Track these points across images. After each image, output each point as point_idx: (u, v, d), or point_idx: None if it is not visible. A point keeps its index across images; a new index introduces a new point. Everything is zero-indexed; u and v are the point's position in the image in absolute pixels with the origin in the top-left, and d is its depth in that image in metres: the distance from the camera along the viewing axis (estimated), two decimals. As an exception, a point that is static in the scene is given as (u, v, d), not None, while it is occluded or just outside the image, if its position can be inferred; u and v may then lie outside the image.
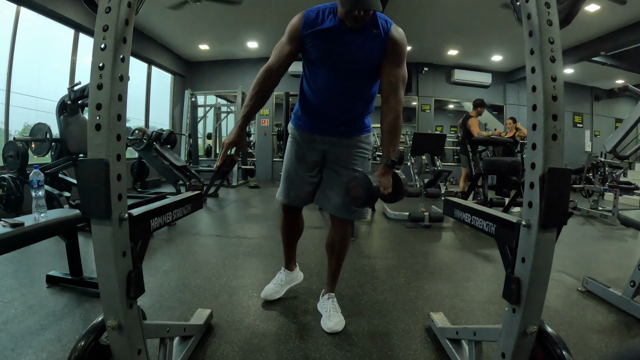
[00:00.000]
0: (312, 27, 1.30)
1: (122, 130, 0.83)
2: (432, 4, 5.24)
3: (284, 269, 1.82)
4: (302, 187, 1.54)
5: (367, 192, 1.21)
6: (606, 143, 2.45)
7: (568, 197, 0.87)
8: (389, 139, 1.33)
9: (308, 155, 1.51)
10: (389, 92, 1.32)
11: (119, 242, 0.83)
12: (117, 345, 0.87)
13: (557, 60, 0.84)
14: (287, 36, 1.35)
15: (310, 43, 1.32)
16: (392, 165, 1.32)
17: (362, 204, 1.28)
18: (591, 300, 1.85)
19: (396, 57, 1.31)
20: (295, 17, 1.34)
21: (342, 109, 1.42)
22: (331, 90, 1.38)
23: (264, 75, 1.36)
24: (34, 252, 2.38)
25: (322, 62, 1.34)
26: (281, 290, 1.77)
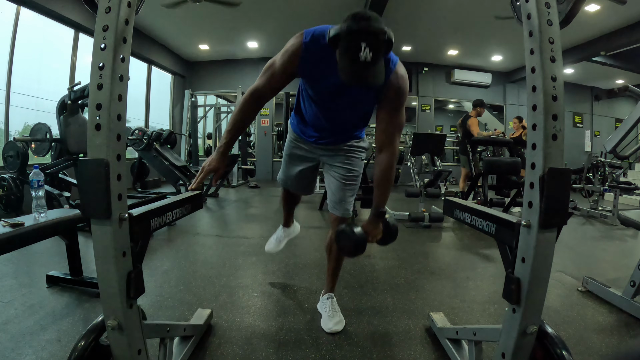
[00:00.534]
0: (308, 63, 1.20)
1: (122, 130, 0.83)
2: (432, 4, 5.24)
3: (282, 226, 1.99)
4: (296, 181, 1.65)
5: (353, 243, 1.25)
6: (606, 143, 2.46)
7: (568, 197, 0.87)
8: (381, 190, 1.31)
9: (302, 157, 1.58)
10: (384, 141, 1.28)
11: (119, 242, 0.83)
12: (117, 345, 0.87)
13: (557, 60, 0.84)
14: (281, 65, 1.22)
15: (305, 78, 1.29)
16: (382, 215, 1.32)
17: (349, 254, 1.33)
18: (591, 300, 1.85)
19: (395, 104, 1.25)
20: (293, 44, 1.20)
21: (334, 132, 1.45)
22: (323, 119, 1.40)
23: (250, 99, 1.27)
24: (34, 252, 2.38)
25: (316, 101, 1.34)
26: (281, 244, 1.99)
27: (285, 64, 1.21)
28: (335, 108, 1.34)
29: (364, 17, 1.01)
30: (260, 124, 8.28)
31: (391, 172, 1.30)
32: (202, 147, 9.47)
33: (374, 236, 1.31)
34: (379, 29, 1.00)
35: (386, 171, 1.29)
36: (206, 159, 1.27)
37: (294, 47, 1.19)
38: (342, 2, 5.22)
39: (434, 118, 8.78)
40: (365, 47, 0.98)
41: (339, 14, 6.01)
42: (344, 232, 1.26)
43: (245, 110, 1.27)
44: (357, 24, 1.00)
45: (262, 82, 1.26)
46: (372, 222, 1.31)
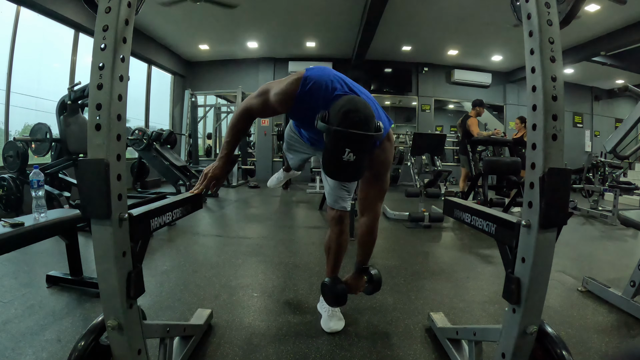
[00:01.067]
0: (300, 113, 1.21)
1: (122, 130, 0.83)
2: (432, 4, 5.24)
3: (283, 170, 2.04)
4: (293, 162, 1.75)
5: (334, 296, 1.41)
6: (606, 143, 2.46)
7: (568, 197, 0.87)
8: (363, 249, 1.40)
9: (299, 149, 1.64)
10: (366, 207, 1.32)
11: (119, 242, 0.83)
12: (117, 345, 0.87)
13: (557, 60, 0.84)
14: (276, 102, 1.19)
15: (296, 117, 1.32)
16: (365, 271, 1.42)
17: (330, 304, 1.47)
18: (591, 300, 1.85)
19: (378, 172, 1.26)
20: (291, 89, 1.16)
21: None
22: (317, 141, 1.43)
23: (244, 117, 1.29)
24: (34, 252, 2.38)
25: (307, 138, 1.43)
26: (282, 181, 2.04)
27: (278, 103, 1.20)
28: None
29: (353, 120, 0.97)
30: (260, 124, 8.28)
31: (373, 233, 1.37)
32: (202, 147, 9.47)
33: (356, 289, 1.42)
34: (367, 135, 0.98)
35: (368, 234, 1.36)
36: (208, 165, 1.30)
37: (289, 92, 1.16)
38: (342, 2, 5.23)
39: (434, 118, 8.77)
40: (349, 152, 0.97)
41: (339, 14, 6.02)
42: (327, 286, 1.40)
43: (240, 124, 1.31)
44: (344, 128, 0.97)
45: (256, 104, 1.26)
46: (355, 277, 1.42)
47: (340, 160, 0.98)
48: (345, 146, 0.97)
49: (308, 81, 1.14)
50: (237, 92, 7.20)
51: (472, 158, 4.62)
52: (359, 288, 1.42)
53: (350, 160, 0.98)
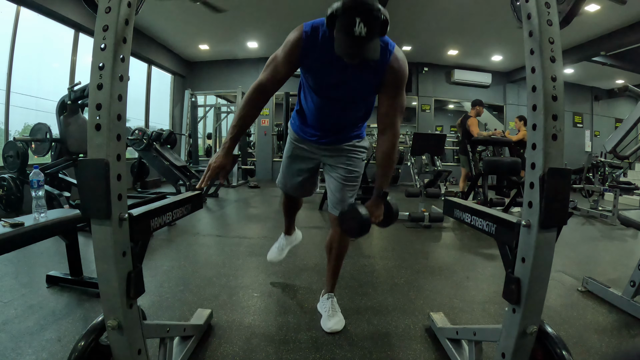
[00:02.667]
0: (310, 53, 1.22)
1: (122, 130, 0.83)
2: (432, 3, 5.24)
3: (284, 234, 2.00)
4: (296, 184, 1.65)
5: (358, 223, 1.27)
6: (606, 143, 2.46)
7: (568, 197, 0.87)
8: (383, 171, 1.34)
9: (303, 157, 1.58)
10: (386, 123, 1.30)
11: (119, 242, 0.83)
12: (117, 345, 0.87)
13: (557, 60, 0.84)
14: (284, 56, 1.24)
15: (306, 68, 1.29)
16: (384, 196, 1.35)
17: (354, 234, 1.34)
18: (591, 300, 1.85)
19: (395, 87, 1.27)
20: (294, 35, 1.23)
21: (334, 129, 1.45)
22: (324, 113, 1.40)
23: (255, 94, 1.28)
24: (34, 252, 2.38)
25: (317, 91, 1.35)
26: (283, 253, 1.98)
27: (287, 54, 1.23)
28: (337, 97, 1.34)
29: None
30: (260, 124, 8.28)
31: (394, 153, 1.32)
32: (202, 147, 9.47)
33: (376, 217, 1.33)
34: (373, 5, 1.04)
35: (389, 153, 1.31)
36: (212, 157, 1.26)
37: (295, 37, 1.22)
38: (342, 2, 5.22)
39: (434, 118, 8.77)
40: (360, 22, 1.01)
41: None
42: (350, 212, 1.28)
43: (250, 104, 1.28)
44: (351, 1, 1.04)
45: (265, 75, 1.28)
46: (374, 203, 1.34)
47: (352, 34, 1.02)
48: (355, 15, 1.02)
49: (308, 23, 1.22)
50: (237, 92, 7.20)
51: (472, 158, 4.62)
52: (378, 216, 1.35)
53: (362, 34, 1.02)
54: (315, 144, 1.51)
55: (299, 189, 1.67)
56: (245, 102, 1.28)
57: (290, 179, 1.64)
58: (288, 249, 2.02)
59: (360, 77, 1.26)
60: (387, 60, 1.22)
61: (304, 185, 1.66)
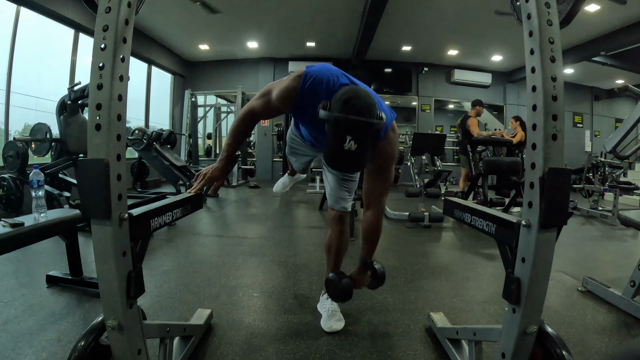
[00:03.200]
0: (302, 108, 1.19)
1: (122, 130, 0.83)
2: (432, 4, 5.24)
3: (288, 174, 2.09)
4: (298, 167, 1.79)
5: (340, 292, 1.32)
6: (606, 143, 2.46)
7: (568, 197, 0.87)
8: (368, 245, 1.35)
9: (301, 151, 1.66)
10: (371, 200, 1.30)
11: (119, 242, 0.83)
12: (117, 345, 0.87)
13: (557, 60, 0.84)
14: (277, 99, 1.20)
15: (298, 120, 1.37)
16: (369, 266, 1.36)
17: (336, 300, 1.39)
18: (591, 300, 1.85)
19: (382, 166, 1.24)
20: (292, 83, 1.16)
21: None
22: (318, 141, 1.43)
23: (247, 117, 1.29)
24: (34, 252, 2.38)
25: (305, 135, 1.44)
26: (287, 187, 2.12)
27: (281, 99, 1.19)
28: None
29: (354, 107, 0.97)
30: (260, 124, 8.27)
31: (378, 228, 1.33)
32: (202, 147, 9.47)
33: (361, 284, 1.38)
34: (368, 122, 0.96)
35: (373, 228, 1.33)
36: (207, 166, 1.29)
37: (290, 88, 1.16)
38: (343, 2, 5.22)
39: (434, 118, 8.77)
40: (350, 140, 0.96)
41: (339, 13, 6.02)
42: (332, 281, 1.35)
43: (242, 126, 1.31)
44: (345, 115, 0.96)
45: (258, 105, 1.27)
46: (359, 271, 1.38)
47: (341, 149, 0.97)
48: (346, 133, 0.96)
49: (309, 77, 1.14)
50: (237, 92, 7.20)
51: (472, 158, 4.62)
52: (363, 282, 1.38)
53: (352, 149, 0.96)
54: (311, 146, 1.55)
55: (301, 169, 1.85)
56: (237, 124, 1.31)
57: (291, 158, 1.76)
58: (292, 184, 2.14)
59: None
60: (378, 140, 1.18)
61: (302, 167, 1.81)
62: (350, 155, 0.98)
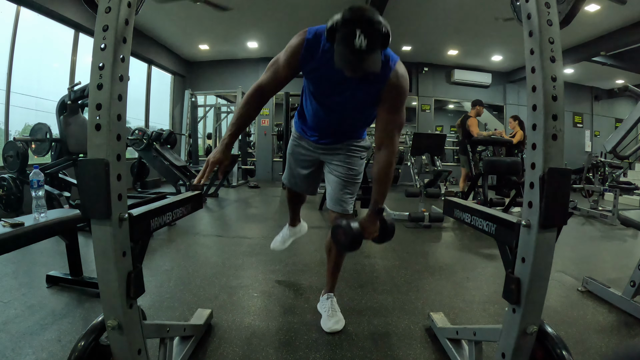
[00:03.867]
0: (310, 60, 1.22)
1: (122, 130, 0.83)
2: (433, 3, 5.24)
3: (288, 225, 1.99)
4: (300, 180, 1.65)
5: (350, 238, 1.25)
6: (606, 143, 2.46)
7: (568, 197, 0.87)
8: (379, 187, 1.31)
9: (304, 155, 1.59)
10: (383, 139, 1.28)
11: (119, 242, 0.83)
12: (117, 345, 0.87)
13: (557, 60, 0.84)
14: (285, 59, 1.25)
15: (307, 75, 1.30)
16: (379, 212, 1.32)
17: (345, 249, 1.34)
18: (591, 300, 1.85)
19: (394, 103, 1.25)
20: (296, 40, 1.23)
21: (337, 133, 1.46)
22: (325, 121, 1.41)
23: (255, 94, 1.29)
24: (34, 252, 2.38)
25: (317, 98, 1.35)
26: (287, 243, 1.99)
27: (288, 59, 1.24)
28: (336, 106, 1.34)
29: (359, 8, 1.05)
30: (260, 124, 8.28)
31: (390, 169, 1.30)
32: (202, 147, 9.46)
33: (370, 233, 1.31)
34: (374, 17, 1.04)
35: (385, 169, 1.29)
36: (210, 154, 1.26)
37: (296, 42, 1.22)
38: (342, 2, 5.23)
39: (434, 118, 8.77)
40: (360, 34, 1.01)
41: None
42: (341, 227, 1.27)
43: (249, 104, 1.29)
44: (351, 13, 1.04)
45: (266, 77, 1.29)
46: (369, 219, 1.32)
47: (352, 47, 1.01)
48: (354, 28, 1.02)
49: (312, 30, 1.22)
50: (237, 92, 7.20)
51: (472, 158, 4.62)
52: (372, 232, 1.31)
53: (363, 47, 1.01)
54: (315, 144, 1.52)
55: (301, 186, 1.67)
56: (244, 102, 1.29)
57: (293, 175, 1.65)
58: (292, 239, 2.02)
59: (360, 90, 1.25)
60: (387, 75, 1.21)
61: (307, 183, 1.65)
62: (362, 53, 1.03)
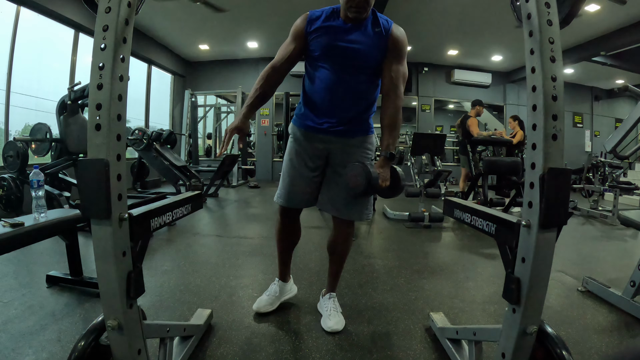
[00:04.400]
0: (316, 24, 1.34)
1: (122, 130, 0.83)
2: (433, 3, 5.24)
3: (278, 279, 1.71)
4: (303, 187, 1.48)
5: (366, 181, 1.21)
6: (606, 143, 2.45)
7: (568, 197, 0.87)
8: (389, 132, 1.34)
9: (310, 155, 1.46)
10: (390, 87, 1.35)
11: (119, 242, 0.83)
12: (117, 345, 0.87)
13: (557, 60, 0.84)
14: (292, 35, 1.38)
15: (314, 39, 1.36)
16: (392, 158, 1.32)
17: (360, 194, 1.29)
18: (591, 300, 1.85)
19: (397, 53, 1.35)
20: (300, 18, 1.38)
21: (345, 106, 1.39)
22: (333, 86, 1.36)
23: (269, 72, 1.38)
24: (34, 252, 2.38)
25: (324, 57, 1.36)
26: (275, 303, 1.65)
27: (295, 31, 1.37)
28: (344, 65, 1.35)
29: None
30: (260, 124, 8.28)
31: (399, 115, 1.35)
32: (202, 147, 9.46)
33: (384, 179, 1.28)
34: None
35: (395, 115, 1.34)
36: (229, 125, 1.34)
37: (299, 20, 1.38)
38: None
39: (434, 118, 8.78)
40: None
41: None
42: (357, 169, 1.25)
43: (264, 80, 1.37)
44: None
45: (276, 58, 1.39)
46: (382, 165, 1.31)
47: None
48: None
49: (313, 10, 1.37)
50: (237, 92, 7.20)
51: (472, 158, 4.62)
52: (385, 178, 1.27)
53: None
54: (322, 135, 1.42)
55: (303, 194, 1.49)
56: (258, 80, 1.37)
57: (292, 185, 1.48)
58: (281, 300, 1.69)
59: (366, 42, 1.32)
60: (389, 28, 1.33)
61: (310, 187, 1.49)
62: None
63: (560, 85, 0.84)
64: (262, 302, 1.64)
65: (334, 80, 1.36)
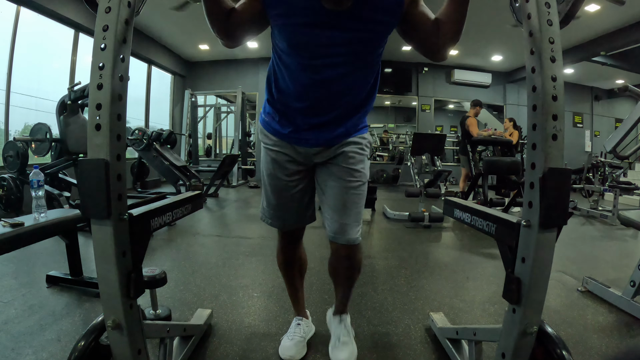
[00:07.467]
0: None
1: (122, 130, 0.83)
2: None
3: (297, 317, 1.41)
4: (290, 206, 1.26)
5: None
6: (606, 143, 2.46)
7: (568, 197, 0.87)
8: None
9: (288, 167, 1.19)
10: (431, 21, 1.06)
11: (119, 242, 0.83)
12: (117, 345, 0.87)
13: (557, 60, 0.84)
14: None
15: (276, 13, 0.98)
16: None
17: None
18: (591, 300, 1.85)
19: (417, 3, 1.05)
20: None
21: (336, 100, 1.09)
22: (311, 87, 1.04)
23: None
24: (34, 252, 2.38)
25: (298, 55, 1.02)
26: (305, 346, 1.32)
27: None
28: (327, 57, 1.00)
29: None
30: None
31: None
32: (202, 147, 9.46)
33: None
34: None
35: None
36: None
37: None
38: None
39: (434, 118, 8.78)
40: None
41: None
42: None
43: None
44: None
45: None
46: None
47: None
48: None
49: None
50: (237, 92, 7.20)
51: (472, 158, 4.62)
52: None
53: None
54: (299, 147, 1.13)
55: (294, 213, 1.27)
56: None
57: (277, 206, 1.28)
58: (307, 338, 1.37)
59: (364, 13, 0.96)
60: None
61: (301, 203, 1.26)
62: None
63: (560, 85, 0.84)
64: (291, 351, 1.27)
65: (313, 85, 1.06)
